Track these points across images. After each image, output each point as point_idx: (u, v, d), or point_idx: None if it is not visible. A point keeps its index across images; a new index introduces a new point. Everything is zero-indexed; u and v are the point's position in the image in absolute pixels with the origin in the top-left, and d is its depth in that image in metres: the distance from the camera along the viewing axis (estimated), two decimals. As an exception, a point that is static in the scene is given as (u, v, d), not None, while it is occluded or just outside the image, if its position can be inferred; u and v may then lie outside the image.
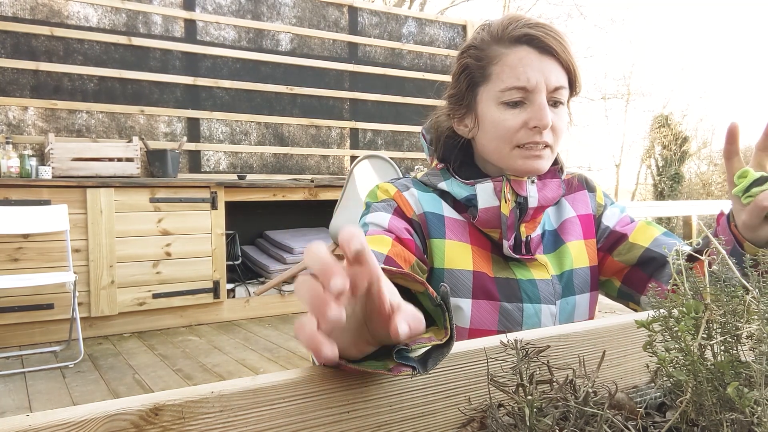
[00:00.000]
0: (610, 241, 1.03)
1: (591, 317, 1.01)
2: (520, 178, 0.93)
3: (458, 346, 0.57)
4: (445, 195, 0.98)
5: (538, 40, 0.89)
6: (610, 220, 1.04)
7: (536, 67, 0.88)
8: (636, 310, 1.02)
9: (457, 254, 0.93)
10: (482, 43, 0.93)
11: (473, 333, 0.91)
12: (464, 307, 0.92)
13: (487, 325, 0.92)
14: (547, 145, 0.90)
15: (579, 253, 1.00)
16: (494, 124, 0.91)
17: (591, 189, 1.07)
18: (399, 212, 0.94)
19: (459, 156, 0.98)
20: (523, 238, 0.95)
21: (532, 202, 0.92)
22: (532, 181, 0.94)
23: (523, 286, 0.94)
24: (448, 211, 0.96)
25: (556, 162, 0.99)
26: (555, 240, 1.00)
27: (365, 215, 0.96)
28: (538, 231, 0.98)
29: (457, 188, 0.95)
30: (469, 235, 0.95)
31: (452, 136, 1.00)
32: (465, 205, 0.96)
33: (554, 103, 0.91)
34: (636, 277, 0.99)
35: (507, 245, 0.93)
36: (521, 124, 0.89)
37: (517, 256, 0.94)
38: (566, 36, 0.91)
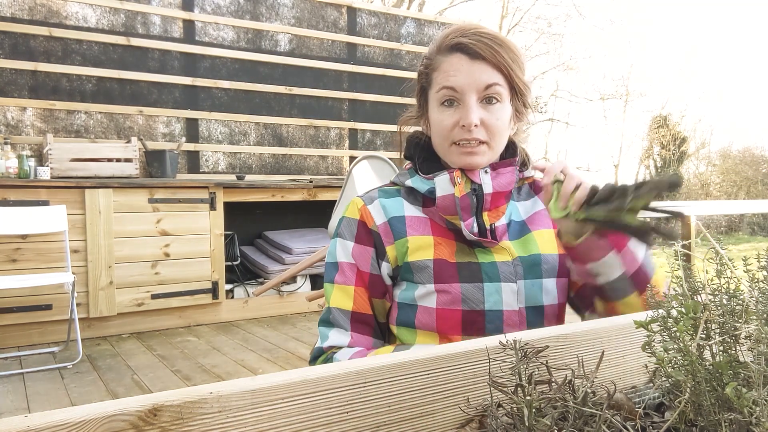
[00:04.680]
0: None
1: (562, 302, 1.07)
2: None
3: (457, 347, 0.57)
4: (413, 192, 1.08)
5: (467, 47, 1.00)
6: None
7: (465, 71, 0.99)
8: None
9: (419, 247, 1.03)
10: (430, 53, 1.06)
11: (440, 313, 0.99)
12: (430, 291, 1.00)
13: (452, 305, 0.99)
14: (482, 142, 1.00)
15: (549, 241, 1.07)
16: (435, 124, 1.04)
17: None
18: (362, 227, 1.06)
19: (423, 153, 1.09)
20: (488, 226, 1.04)
21: (487, 189, 1.02)
22: (486, 171, 1.03)
23: (484, 268, 1.02)
24: (409, 211, 1.06)
25: (514, 154, 1.08)
26: (521, 229, 1.07)
27: (335, 238, 1.08)
28: (503, 221, 1.06)
29: (420, 183, 1.06)
30: (430, 229, 1.04)
31: (418, 134, 1.13)
32: (431, 199, 1.05)
33: (489, 100, 1.00)
34: (585, 294, 1.05)
35: (464, 226, 1.01)
36: (454, 123, 1.00)
37: (477, 238, 1.01)
38: (503, 41, 1.01)
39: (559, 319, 1.06)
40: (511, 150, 1.09)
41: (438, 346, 0.58)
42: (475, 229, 1.02)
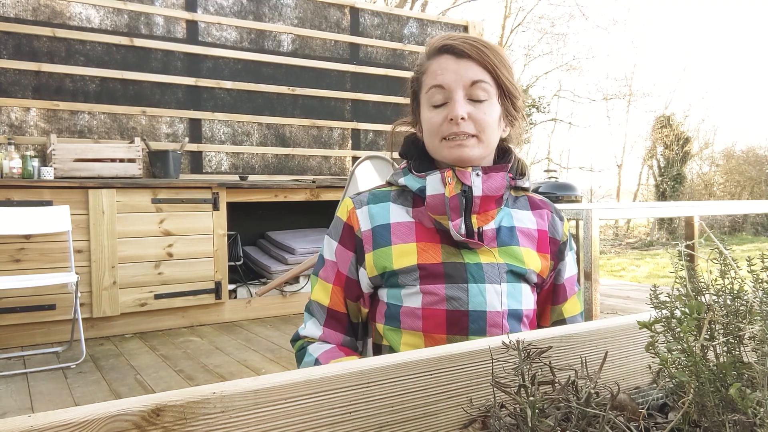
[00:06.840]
0: (557, 291, 1.15)
1: (535, 309, 1.11)
2: (465, 169, 1.04)
3: (460, 347, 0.57)
4: (404, 192, 1.11)
5: (453, 48, 1.04)
6: (570, 270, 1.16)
7: (452, 69, 1.03)
8: None
9: (403, 254, 1.05)
10: (420, 59, 1.11)
11: (425, 312, 1.02)
12: (416, 291, 1.03)
13: (437, 305, 1.01)
14: (470, 135, 1.02)
15: (533, 259, 1.09)
16: (426, 123, 1.07)
17: (560, 218, 1.17)
18: (347, 230, 1.10)
19: (418, 153, 1.13)
20: (475, 229, 1.05)
21: (477, 191, 1.03)
22: (477, 174, 1.04)
23: (470, 268, 1.03)
24: (396, 217, 1.08)
25: (508, 160, 1.11)
26: (511, 235, 1.09)
27: (327, 234, 1.13)
28: (493, 225, 1.07)
29: (412, 181, 1.09)
30: (414, 235, 1.06)
31: (414, 135, 1.17)
32: (422, 199, 1.07)
33: (477, 97, 1.03)
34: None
35: (452, 226, 1.02)
36: (443, 119, 1.03)
37: (464, 239, 1.03)
38: (489, 44, 1.05)
39: (533, 325, 1.10)
40: (506, 157, 1.12)
41: (441, 346, 0.58)
42: (463, 230, 1.04)
